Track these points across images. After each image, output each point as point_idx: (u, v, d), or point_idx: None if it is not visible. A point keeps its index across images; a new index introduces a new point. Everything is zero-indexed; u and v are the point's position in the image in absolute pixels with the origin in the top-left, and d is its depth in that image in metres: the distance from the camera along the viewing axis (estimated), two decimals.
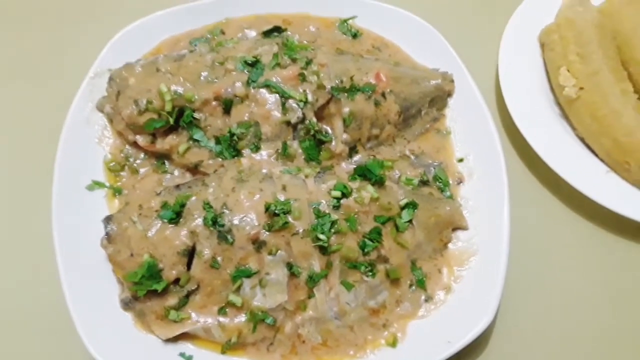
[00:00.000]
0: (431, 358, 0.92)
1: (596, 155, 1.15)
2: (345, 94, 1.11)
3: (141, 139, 1.07)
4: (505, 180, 1.06)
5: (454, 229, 1.06)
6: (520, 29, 1.27)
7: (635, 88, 1.17)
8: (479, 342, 0.99)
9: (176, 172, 1.08)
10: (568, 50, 1.18)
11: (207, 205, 0.94)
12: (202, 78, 1.08)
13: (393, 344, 0.95)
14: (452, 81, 1.20)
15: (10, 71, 1.27)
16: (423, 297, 0.99)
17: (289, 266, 0.93)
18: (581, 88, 1.14)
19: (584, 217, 1.15)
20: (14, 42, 1.31)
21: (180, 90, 1.06)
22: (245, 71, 1.09)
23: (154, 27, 1.22)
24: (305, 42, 1.25)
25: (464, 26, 1.38)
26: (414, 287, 1.00)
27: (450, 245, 1.05)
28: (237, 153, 1.06)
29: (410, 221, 1.01)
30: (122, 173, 1.08)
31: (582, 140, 1.17)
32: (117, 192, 1.05)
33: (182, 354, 0.92)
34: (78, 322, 0.91)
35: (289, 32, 1.27)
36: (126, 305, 0.93)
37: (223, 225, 0.92)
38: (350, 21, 1.30)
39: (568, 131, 1.18)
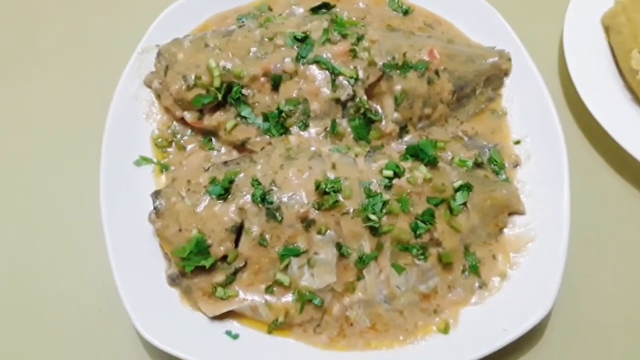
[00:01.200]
0: (485, 346, 0.88)
1: None
2: (397, 71, 1.07)
3: (189, 115, 1.06)
4: (565, 163, 1.01)
5: (510, 214, 1.01)
6: (581, 11, 1.20)
7: None
8: (536, 332, 0.94)
9: (223, 150, 1.06)
10: (638, 32, 1.12)
11: (255, 182, 0.92)
12: (250, 54, 1.06)
13: (445, 330, 0.91)
14: (510, 60, 1.14)
15: (59, 47, 1.28)
16: (477, 284, 0.95)
17: (338, 246, 0.91)
18: None
19: None
20: (61, 18, 1.32)
21: (228, 66, 1.04)
22: (295, 47, 1.06)
23: (201, 4, 1.20)
24: (354, 18, 1.22)
25: (522, 3, 1.31)
26: (467, 273, 0.96)
27: (505, 230, 1.00)
28: (285, 131, 1.04)
29: (464, 204, 0.97)
30: (169, 149, 1.07)
31: None
32: (164, 168, 1.05)
33: (228, 332, 0.91)
34: (125, 297, 0.91)
35: (337, 9, 1.23)
36: (173, 281, 0.93)
37: (272, 203, 0.90)
38: None
39: None
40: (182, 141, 1.08)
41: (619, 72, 1.17)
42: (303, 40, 1.07)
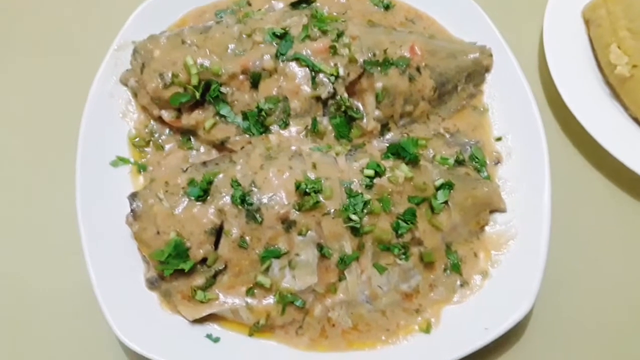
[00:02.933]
0: (467, 345, 0.88)
1: None
2: (378, 68, 1.05)
3: (166, 114, 1.04)
4: (546, 161, 1.01)
5: (492, 211, 1.01)
6: (562, 5, 1.19)
7: None
8: (518, 329, 0.95)
9: (202, 149, 1.05)
10: (617, 25, 1.11)
11: (235, 183, 0.90)
12: (229, 51, 1.04)
13: (427, 329, 0.91)
14: (491, 55, 1.13)
15: (33, 45, 1.24)
16: (458, 282, 0.95)
17: (320, 247, 0.90)
18: (634, 66, 1.08)
19: (635, 198, 1.09)
20: (35, 13, 1.28)
21: (206, 63, 1.02)
22: (274, 43, 1.04)
23: None
24: (335, 14, 1.20)
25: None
26: (448, 272, 0.96)
27: (487, 228, 1.00)
28: (265, 129, 1.02)
29: (445, 202, 0.96)
30: (146, 149, 1.05)
31: (636, 120, 1.10)
32: (141, 168, 1.02)
33: (208, 336, 0.90)
34: (103, 301, 0.89)
35: (317, 4, 1.21)
36: (152, 284, 0.91)
37: (251, 204, 0.89)
38: None
39: (620, 111, 1.12)
40: (160, 140, 1.06)
41: (598, 67, 1.16)
42: (282, 36, 1.05)
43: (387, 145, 1.02)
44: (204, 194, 0.90)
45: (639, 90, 1.08)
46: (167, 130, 1.06)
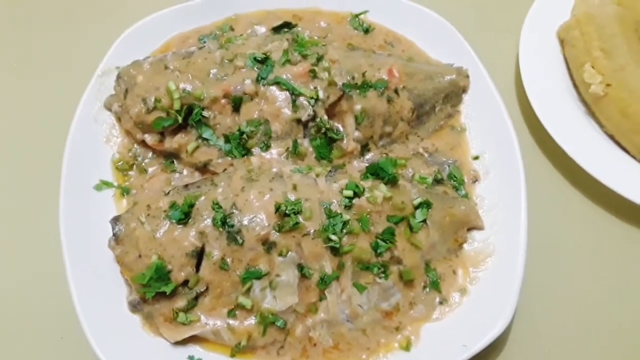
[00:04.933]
0: None
1: (627, 152, 1.11)
2: (357, 91, 1.08)
3: (149, 138, 1.05)
4: (522, 179, 1.03)
5: (470, 229, 1.03)
6: (537, 25, 1.23)
7: None
8: (496, 346, 0.96)
9: (185, 172, 1.06)
10: (591, 46, 1.14)
11: (216, 206, 0.92)
12: (211, 75, 1.06)
13: (407, 347, 0.92)
14: (467, 76, 1.17)
15: (18, 70, 1.26)
16: (437, 300, 0.97)
17: (300, 267, 0.91)
18: (608, 85, 1.11)
19: (612, 214, 1.11)
20: (21, 41, 1.30)
21: (188, 88, 1.05)
22: (255, 68, 1.07)
23: (162, 24, 1.20)
24: (316, 37, 1.23)
25: (480, 21, 1.35)
26: (427, 289, 0.97)
27: (465, 245, 1.02)
28: (247, 152, 1.04)
29: (424, 221, 0.98)
30: (130, 172, 1.06)
31: (612, 137, 1.13)
32: (125, 191, 1.04)
33: (190, 357, 0.91)
34: (86, 324, 0.90)
35: (299, 28, 1.25)
36: (134, 307, 0.92)
37: (232, 226, 0.90)
38: (361, 16, 1.27)
39: (596, 129, 1.14)
40: (143, 164, 1.07)
41: (574, 86, 1.19)
42: (263, 61, 1.08)
43: (366, 165, 1.03)
44: (185, 216, 0.92)
45: (612, 108, 1.11)
46: (150, 154, 1.08)
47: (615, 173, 1.06)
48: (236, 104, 1.05)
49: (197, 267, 0.91)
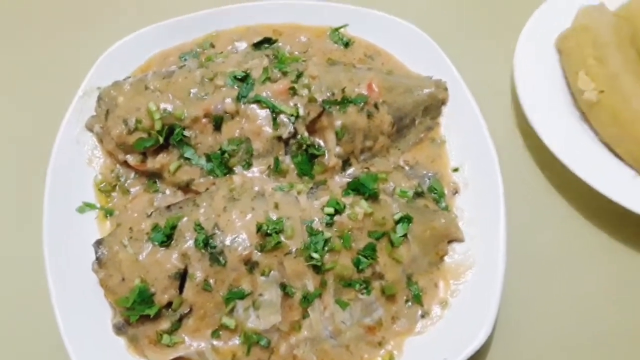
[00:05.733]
0: None
1: (622, 159, 1.12)
2: (337, 107, 1.09)
3: (131, 159, 1.06)
4: (501, 191, 1.05)
5: (450, 242, 1.05)
6: (535, 35, 1.25)
7: None
8: (477, 357, 0.97)
9: (168, 191, 1.07)
10: (585, 54, 1.16)
11: (198, 227, 0.93)
12: (191, 95, 1.07)
13: None
14: (446, 89, 1.18)
15: None
16: (419, 313, 0.98)
17: (283, 286, 0.92)
18: (601, 91, 1.12)
19: (594, 222, 1.13)
20: (1, 60, 1.30)
21: (169, 108, 1.05)
22: (235, 86, 1.08)
23: (142, 43, 1.21)
24: (296, 52, 1.24)
25: (465, 33, 1.37)
26: (410, 303, 0.99)
27: (446, 258, 1.04)
28: (229, 170, 1.05)
29: (405, 235, 1.00)
30: (113, 194, 1.07)
31: (607, 145, 1.14)
32: (108, 213, 1.04)
33: None
34: (70, 347, 0.90)
35: (279, 43, 1.26)
36: (119, 330, 0.92)
37: (215, 247, 0.91)
38: (341, 30, 1.28)
39: (591, 136, 1.15)
40: (126, 184, 1.08)
41: (571, 95, 1.20)
42: (243, 79, 1.09)
43: (347, 182, 1.05)
44: (167, 239, 0.92)
45: (605, 116, 1.13)
46: (132, 174, 1.09)
47: (609, 180, 1.07)
48: (217, 123, 1.06)
49: (181, 288, 0.92)
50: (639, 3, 1.21)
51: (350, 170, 1.11)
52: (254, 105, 1.06)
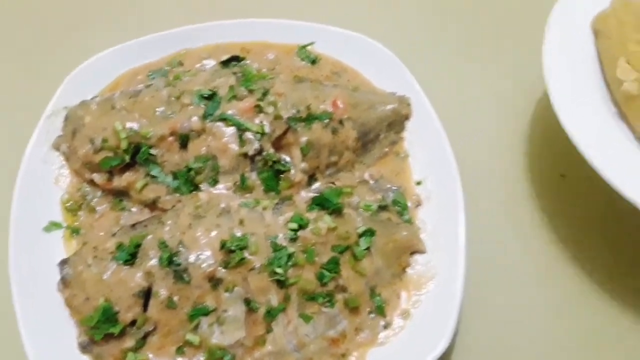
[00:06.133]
0: None
1: None
2: (302, 124, 1.12)
3: (98, 177, 1.07)
4: (461, 204, 1.08)
5: (412, 253, 1.07)
6: (569, 14, 1.08)
7: None
8: None
9: (134, 209, 1.08)
10: (627, 37, 1.00)
11: (162, 245, 0.94)
12: (157, 114, 1.09)
13: None
14: (409, 104, 1.22)
15: None
16: (382, 324, 1.00)
17: (247, 302, 0.94)
18: None
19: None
20: None
21: (135, 127, 1.07)
22: (202, 105, 1.10)
23: (111, 62, 1.22)
24: (264, 70, 1.27)
25: (432, 50, 1.41)
26: (373, 314, 1.01)
27: (408, 269, 1.06)
28: (195, 187, 1.07)
29: (368, 248, 1.02)
30: (80, 212, 1.08)
31: None
32: (74, 232, 1.05)
33: None
34: None
35: (247, 61, 1.28)
36: (84, 348, 0.93)
37: (179, 265, 0.93)
38: (309, 47, 1.31)
39: (627, 134, 1.00)
40: (92, 203, 1.09)
41: (606, 84, 1.06)
42: (210, 97, 1.11)
43: (312, 197, 1.07)
44: (131, 257, 0.94)
45: None
46: (99, 193, 1.10)
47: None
48: (183, 141, 1.07)
49: (145, 306, 0.93)
50: None
51: (316, 185, 1.14)
52: (220, 123, 1.08)
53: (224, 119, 1.08)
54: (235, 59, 1.28)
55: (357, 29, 1.31)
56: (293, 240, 0.98)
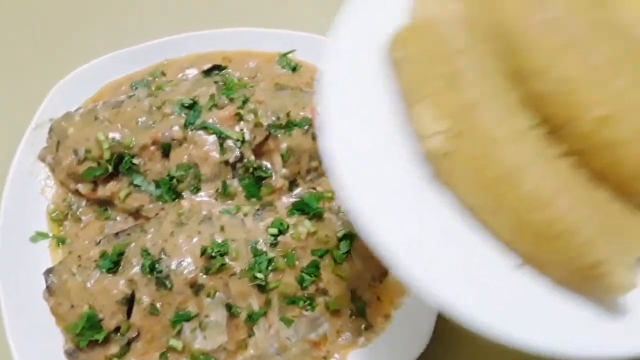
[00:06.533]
0: None
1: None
2: (283, 130, 1.14)
3: (82, 187, 1.09)
4: None
5: None
6: (356, 35, 0.68)
7: (541, 119, 0.58)
8: None
9: (119, 218, 1.10)
10: (430, 70, 0.62)
11: (145, 252, 0.96)
12: (139, 124, 1.11)
13: None
14: None
15: None
16: (363, 326, 1.02)
17: (228, 307, 0.96)
18: (457, 134, 0.58)
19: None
20: None
21: (118, 137, 1.09)
22: (183, 114, 1.12)
23: (95, 74, 1.24)
24: (245, 78, 1.29)
25: None
26: (354, 317, 1.03)
27: (389, 272, 1.08)
28: (178, 195, 1.09)
29: (348, 252, 1.04)
30: (65, 222, 1.10)
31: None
32: (60, 241, 1.07)
33: None
34: None
35: (229, 70, 1.30)
36: (70, 355, 0.95)
37: (161, 272, 0.95)
38: (289, 55, 1.33)
39: (450, 205, 0.60)
40: (78, 212, 1.11)
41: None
42: (191, 107, 1.13)
43: (292, 202, 1.09)
44: (114, 265, 0.96)
45: (465, 172, 0.59)
46: (84, 203, 1.12)
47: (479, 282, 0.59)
48: (165, 150, 1.10)
49: (129, 313, 0.95)
50: None
51: (298, 191, 1.16)
52: (201, 132, 1.10)
53: (204, 128, 1.10)
54: (217, 67, 1.30)
55: None
56: (273, 245, 1.00)
